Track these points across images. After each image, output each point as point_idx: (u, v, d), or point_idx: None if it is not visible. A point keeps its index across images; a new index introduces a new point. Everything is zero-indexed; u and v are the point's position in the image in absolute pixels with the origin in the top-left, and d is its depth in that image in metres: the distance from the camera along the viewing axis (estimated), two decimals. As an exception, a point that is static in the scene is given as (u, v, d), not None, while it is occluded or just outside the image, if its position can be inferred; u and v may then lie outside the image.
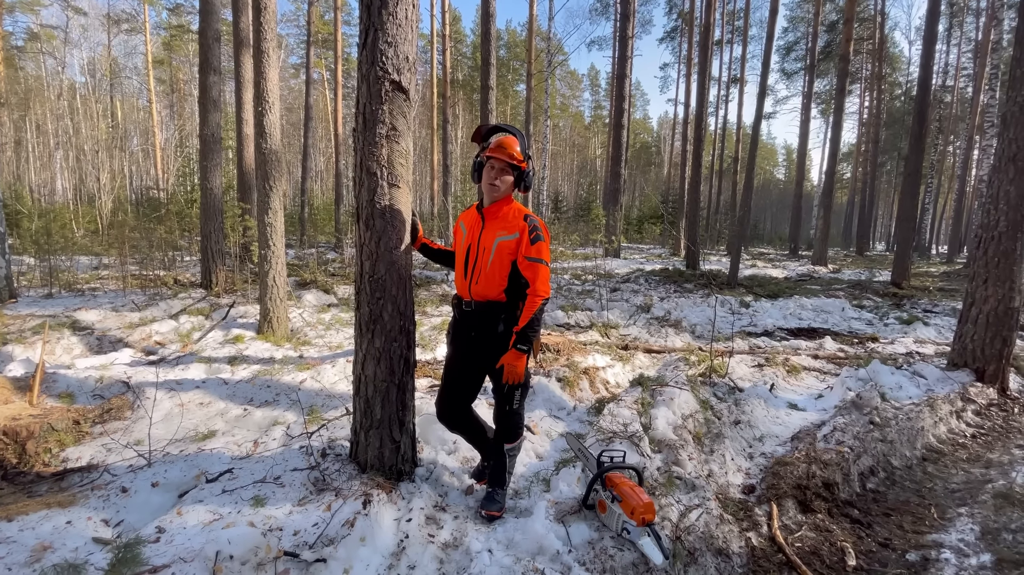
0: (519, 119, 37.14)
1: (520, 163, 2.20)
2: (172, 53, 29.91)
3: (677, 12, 27.97)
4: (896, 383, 4.18)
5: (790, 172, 61.30)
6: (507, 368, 2.17)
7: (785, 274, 14.70)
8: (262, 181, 4.60)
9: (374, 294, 2.28)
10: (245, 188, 10.24)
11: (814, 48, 22.05)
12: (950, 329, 7.20)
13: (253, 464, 2.46)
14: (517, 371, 2.18)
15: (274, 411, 3.29)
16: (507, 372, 2.18)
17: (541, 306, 2.17)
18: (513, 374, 2.18)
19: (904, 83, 34.44)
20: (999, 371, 4.15)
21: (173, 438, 2.80)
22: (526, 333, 2.15)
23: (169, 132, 28.07)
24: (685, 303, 8.32)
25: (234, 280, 7.52)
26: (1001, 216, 4.00)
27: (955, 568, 2.24)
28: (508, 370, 2.17)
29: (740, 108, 25.59)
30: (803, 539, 2.47)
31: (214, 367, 3.93)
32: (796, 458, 3.00)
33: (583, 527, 2.15)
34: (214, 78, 6.63)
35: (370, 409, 2.35)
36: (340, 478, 2.28)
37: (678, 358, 5.13)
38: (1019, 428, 3.76)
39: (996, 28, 14.55)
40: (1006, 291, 4.03)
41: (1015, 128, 3.89)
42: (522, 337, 2.15)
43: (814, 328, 7.14)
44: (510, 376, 2.18)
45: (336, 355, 4.35)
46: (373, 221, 2.23)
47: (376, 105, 2.15)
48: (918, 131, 10.73)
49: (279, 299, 4.89)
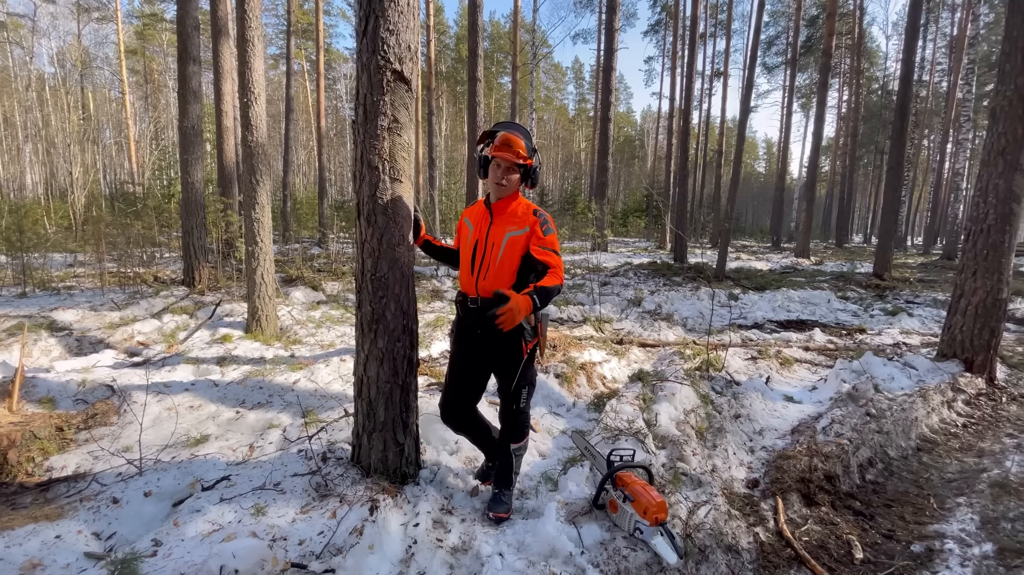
0: (504, 112, 36.93)
1: (526, 161, 2.14)
2: (146, 43, 28.95)
3: (661, 5, 27.98)
4: (888, 374, 4.24)
5: (770, 165, 62.24)
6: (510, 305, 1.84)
7: (769, 266, 14.91)
8: (248, 175, 4.45)
9: (376, 293, 2.20)
10: (226, 182, 9.99)
11: (796, 43, 22.28)
12: (934, 319, 7.37)
13: (250, 470, 2.37)
14: (515, 316, 1.85)
15: (268, 413, 3.19)
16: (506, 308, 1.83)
17: (560, 284, 2.04)
18: (510, 316, 1.84)
19: (881, 78, 35.11)
20: (987, 361, 4.24)
21: (164, 444, 2.69)
22: (544, 290, 1.96)
23: (144, 124, 27.21)
24: (675, 296, 8.36)
25: (218, 277, 7.32)
26: (990, 209, 4.07)
27: (959, 558, 2.26)
28: (508, 307, 1.83)
29: (724, 102, 25.82)
30: (810, 533, 2.48)
31: (202, 368, 3.81)
32: (798, 451, 3.01)
33: (594, 528, 2.12)
34: (194, 68, 6.40)
35: (373, 411, 2.28)
36: (343, 483, 2.21)
37: (673, 352, 5.15)
38: (1008, 417, 3.84)
39: (973, 24, 14.85)
40: (994, 283, 4.11)
41: (1004, 122, 3.95)
42: (539, 291, 1.94)
43: (803, 320, 7.24)
44: (507, 318, 1.83)
45: (329, 354, 4.25)
46: (375, 217, 2.15)
47: (377, 96, 2.06)
48: (900, 125, 10.91)
49: (267, 297, 4.76)
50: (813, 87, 33.67)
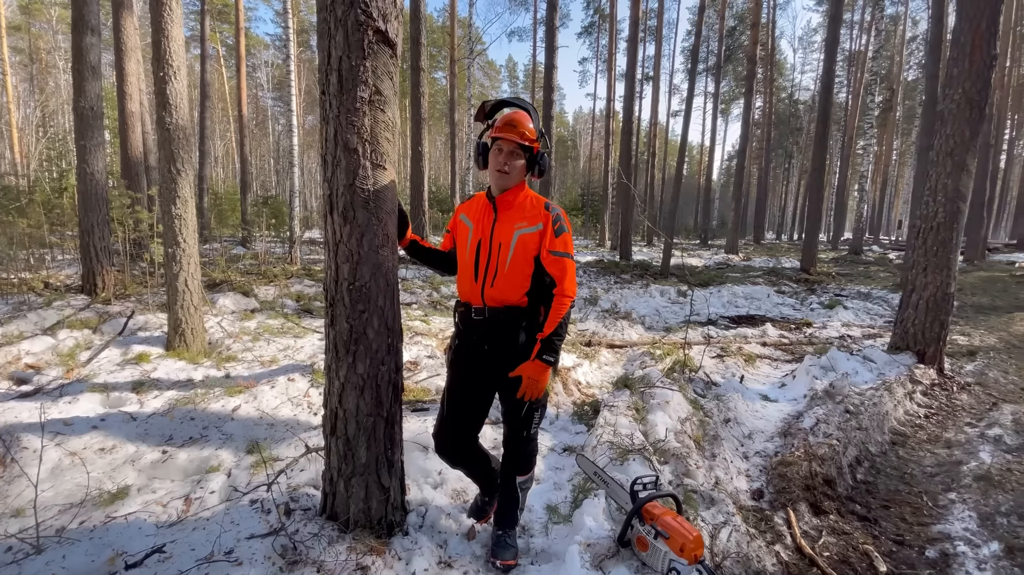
0: (439, 108, 36.14)
1: (533, 143, 1.81)
2: (31, 18, 25.37)
3: (594, 8, 28.48)
4: (852, 369, 4.34)
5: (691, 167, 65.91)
6: (527, 381, 1.80)
7: (704, 263, 15.54)
8: (166, 163, 3.77)
9: (355, 306, 1.78)
10: (132, 174, 8.80)
11: (720, 51, 23.47)
12: (864, 311, 7.85)
13: (190, 533, 1.87)
14: (539, 386, 1.82)
15: (204, 451, 2.63)
16: (526, 385, 1.81)
17: (569, 309, 1.82)
18: (534, 388, 1.82)
19: (788, 87, 38.08)
20: (937, 353, 4.45)
21: (68, 503, 2.08)
22: (553, 341, 1.79)
23: (29, 109, 23.79)
24: (629, 294, 8.36)
25: (125, 283, 6.33)
26: (939, 208, 4.25)
27: (974, 561, 2.22)
28: (528, 383, 1.80)
29: (655, 104, 26.74)
30: (828, 546, 2.35)
31: (114, 397, 3.12)
32: (797, 457, 2.91)
33: (623, 571, 1.84)
34: (92, 39, 5.43)
35: (352, 452, 1.85)
36: (318, 545, 1.77)
37: (642, 352, 5.02)
38: (962, 406, 4.03)
39: (876, 38, 16.30)
40: (944, 278, 4.31)
41: (952, 124, 4.13)
42: (548, 346, 1.79)
43: (752, 315, 7.45)
44: (530, 391, 1.82)
45: (274, 372, 3.67)
46: (353, 212, 1.73)
47: (357, 60, 1.65)
48: (822, 131, 11.66)
49: (193, 306, 4.08)
50: (732, 94, 35.94)
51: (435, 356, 4.37)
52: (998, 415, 3.66)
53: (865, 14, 25.15)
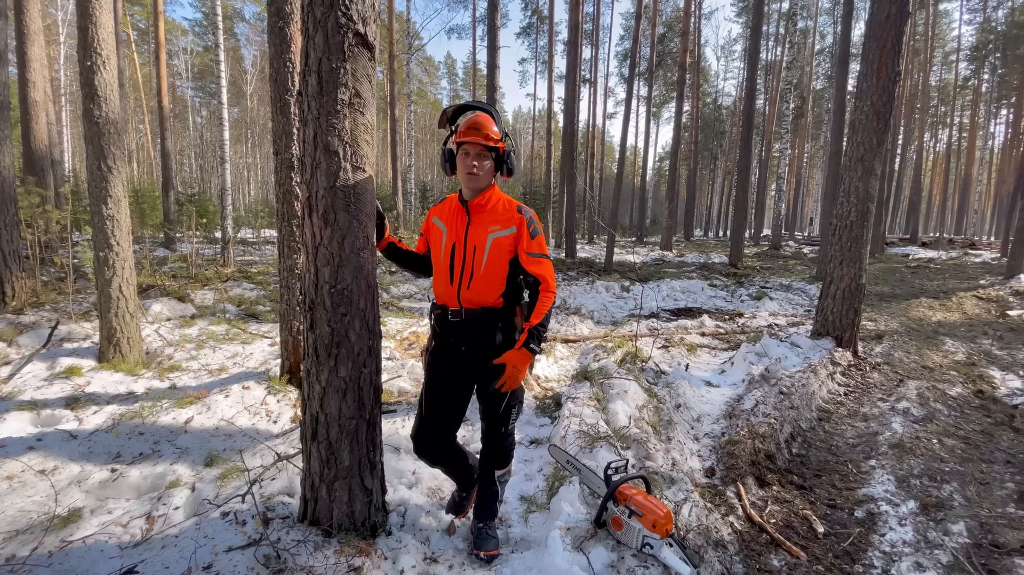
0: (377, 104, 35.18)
1: (498, 143, 1.87)
2: None
3: (532, 9, 28.88)
4: (783, 354, 4.76)
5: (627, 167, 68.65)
6: (509, 370, 1.81)
7: (641, 259, 16.26)
8: (97, 160, 3.48)
9: (337, 309, 1.78)
10: (38, 170, 7.99)
11: (652, 58, 24.58)
12: (787, 302, 8.58)
13: (160, 551, 1.79)
14: (519, 375, 1.84)
15: (157, 466, 2.48)
16: (508, 374, 1.82)
17: (552, 301, 1.89)
18: (514, 378, 1.83)
19: (713, 93, 40.55)
20: (852, 337, 4.97)
21: (14, 530, 1.91)
22: (539, 330, 1.83)
23: None
24: (577, 290, 8.62)
25: (37, 291, 5.74)
26: (852, 208, 4.76)
27: (896, 518, 2.54)
28: (510, 372, 1.82)
29: (592, 107, 27.52)
30: (773, 514, 2.61)
31: (47, 415, 2.86)
32: (742, 436, 3.18)
33: (601, 550, 1.96)
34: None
35: (335, 455, 1.85)
36: (303, 551, 1.76)
37: (595, 346, 5.23)
38: (874, 384, 4.54)
39: (790, 51, 17.75)
40: (856, 270, 4.82)
41: (862, 133, 4.63)
42: (534, 335, 1.82)
43: (690, 307, 7.92)
44: (510, 380, 1.83)
45: (225, 380, 3.50)
46: (334, 215, 1.73)
47: (337, 62, 1.65)
48: (747, 134, 12.55)
49: (128, 314, 3.79)
50: (663, 98, 37.72)
51: (394, 358, 4.33)
52: (904, 390, 4.17)
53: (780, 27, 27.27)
